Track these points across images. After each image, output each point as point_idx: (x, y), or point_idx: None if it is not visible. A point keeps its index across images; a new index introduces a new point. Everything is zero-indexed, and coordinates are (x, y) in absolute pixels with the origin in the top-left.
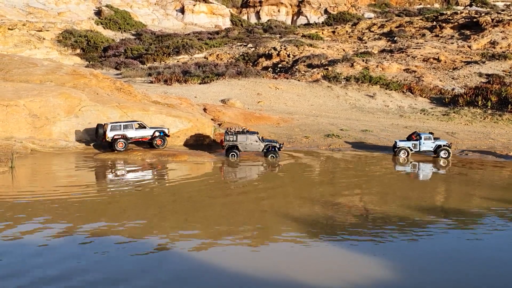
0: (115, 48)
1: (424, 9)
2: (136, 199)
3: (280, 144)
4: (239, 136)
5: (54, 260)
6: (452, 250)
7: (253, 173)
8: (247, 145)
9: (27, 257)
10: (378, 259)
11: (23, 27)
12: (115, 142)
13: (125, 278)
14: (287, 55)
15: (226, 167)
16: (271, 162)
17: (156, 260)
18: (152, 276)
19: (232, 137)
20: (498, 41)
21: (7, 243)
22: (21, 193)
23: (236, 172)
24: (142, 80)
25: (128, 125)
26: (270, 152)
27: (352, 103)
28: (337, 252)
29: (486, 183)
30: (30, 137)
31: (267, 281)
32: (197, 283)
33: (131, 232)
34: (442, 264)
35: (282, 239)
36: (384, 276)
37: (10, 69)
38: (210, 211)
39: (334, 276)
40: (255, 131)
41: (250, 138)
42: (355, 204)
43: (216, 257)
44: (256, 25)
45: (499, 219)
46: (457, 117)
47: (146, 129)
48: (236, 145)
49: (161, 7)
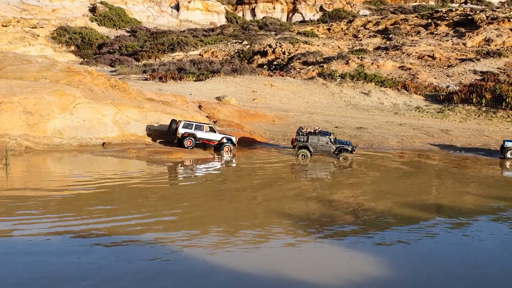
0: (110, 45)
1: (419, 6)
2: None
3: (353, 146)
4: (310, 137)
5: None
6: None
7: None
8: (318, 146)
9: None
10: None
11: (18, 24)
12: (184, 139)
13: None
14: (282, 53)
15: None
16: (341, 163)
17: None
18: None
19: (303, 137)
20: (493, 38)
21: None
22: (15, 190)
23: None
24: (137, 77)
25: (199, 126)
26: (341, 154)
27: (347, 100)
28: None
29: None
30: (25, 134)
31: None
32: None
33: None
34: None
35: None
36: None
37: (4, 66)
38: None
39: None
40: (328, 131)
41: (321, 139)
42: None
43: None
44: (251, 22)
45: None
46: (452, 115)
47: (216, 134)
48: (307, 146)
49: (156, 4)
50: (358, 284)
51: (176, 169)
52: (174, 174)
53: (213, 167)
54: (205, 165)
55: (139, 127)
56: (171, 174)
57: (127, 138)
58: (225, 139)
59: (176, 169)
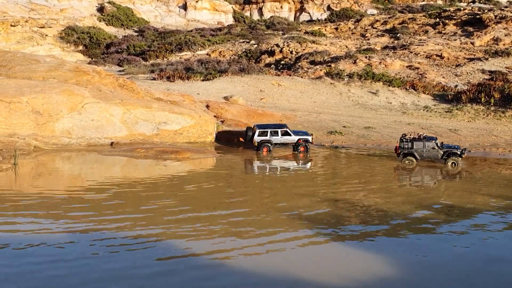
0: (118, 45)
1: (427, 5)
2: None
3: (463, 149)
4: (415, 143)
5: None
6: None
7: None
8: (423, 152)
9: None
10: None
11: (26, 23)
12: (261, 146)
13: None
14: (289, 52)
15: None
16: (449, 169)
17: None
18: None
19: (408, 144)
20: (501, 37)
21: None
22: (23, 190)
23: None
24: (145, 77)
25: (274, 132)
26: (450, 158)
27: (355, 100)
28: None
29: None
30: (33, 134)
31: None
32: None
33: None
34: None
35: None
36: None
37: (13, 66)
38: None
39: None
40: (433, 136)
41: (427, 144)
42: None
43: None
44: (259, 21)
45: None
46: (460, 114)
47: (291, 136)
48: (412, 153)
49: (164, 3)
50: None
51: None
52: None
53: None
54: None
55: (147, 127)
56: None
57: (135, 138)
58: (301, 139)
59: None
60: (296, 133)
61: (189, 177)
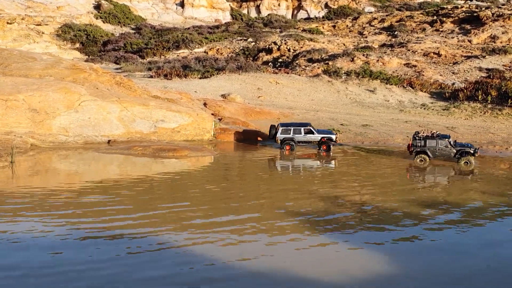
0: (115, 42)
1: (424, 3)
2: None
3: (476, 148)
4: (428, 141)
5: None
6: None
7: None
8: (436, 150)
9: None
10: None
11: (22, 21)
12: (283, 144)
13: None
14: (287, 50)
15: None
16: (463, 168)
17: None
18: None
19: (420, 142)
20: (499, 35)
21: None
22: (20, 188)
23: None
24: (142, 75)
25: (297, 130)
26: (463, 157)
27: (353, 98)
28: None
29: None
30: (30, 132)
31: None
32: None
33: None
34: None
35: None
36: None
37: (9, 63)
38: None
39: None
40: (447, 134)
41: (440, 142)
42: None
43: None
44: (256, 19)
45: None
46: (457, 112)
47: (314, 135)
48: (425, 151)
49: (161, 1)
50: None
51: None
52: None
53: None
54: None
55: (144, 125)
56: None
57: (132, 136)
58: (325, 138)
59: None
60: (321, 131)
61: (187, 175)
